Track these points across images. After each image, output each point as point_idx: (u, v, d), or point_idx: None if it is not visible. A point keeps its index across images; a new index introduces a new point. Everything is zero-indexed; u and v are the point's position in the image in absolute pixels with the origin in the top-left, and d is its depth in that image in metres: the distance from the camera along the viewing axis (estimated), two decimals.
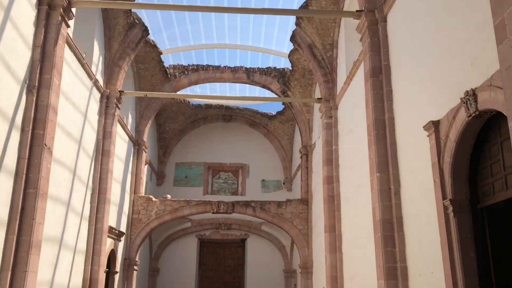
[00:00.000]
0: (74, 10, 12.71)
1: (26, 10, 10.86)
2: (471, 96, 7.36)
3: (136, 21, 17.58)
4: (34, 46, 11.35)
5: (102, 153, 16.76)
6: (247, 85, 25.09)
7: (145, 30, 18.07)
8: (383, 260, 10.59)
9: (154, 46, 20.43)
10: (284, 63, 23.47)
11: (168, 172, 28.19)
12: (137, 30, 17.72)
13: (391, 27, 11.77)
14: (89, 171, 15.97)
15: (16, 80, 10.65)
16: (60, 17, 11.82)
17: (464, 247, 7.93)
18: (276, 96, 23.21)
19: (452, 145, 8.13)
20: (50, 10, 11.68)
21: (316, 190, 20.16)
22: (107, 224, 16.79)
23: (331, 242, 16.14)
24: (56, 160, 12.58)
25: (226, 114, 28.50)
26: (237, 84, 25.85)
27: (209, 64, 23.57)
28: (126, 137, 20.33)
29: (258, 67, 23.40)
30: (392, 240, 10.61)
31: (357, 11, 12.68)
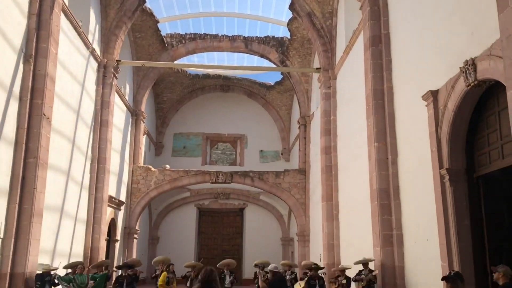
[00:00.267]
0: None
1: None
2: (470, 65, 7.36)
3: None
4: (30, 14, 11.20)
5: (101, 123, 16.75)
6: (245, 55, 24.85)
7: None
8: (379, 228, 10.81)
9: (151, 15, 20.13)
10: (282, 32, 23.16)
11: (167, 143, 28.26)
12: None
13: None
14: (88, 141, 16.01)
15: (13, 49, 10.56)
16: None
17: (459, 215, 8.10)
18: (274, 65, 23.04)
19: (450, 115, 8.18)
20: None
21: (314, 160, 20.31)
22: (107, 194, 16.96)
23: (328, 211, 16.39)
24: (55, 130, 12.60)
25: (224, 84, 28.35)
26: (235, 54, 25.61)
27: (207, 33, 23.27)
28: (124, 107, 20.29)
29: (257, 36, 23.13)
30: (389, 209, 10.80)
31: None
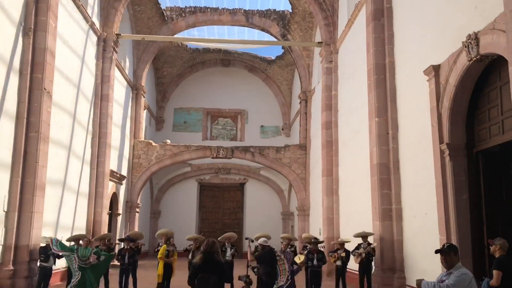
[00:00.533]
0: None
1: None
2: (473, 39, 7.30)
3: None
4: None
5: (101, 97, 16.72)
6: (246, 28, 24.55)
7: None
8: (379, 202, 10.92)
9: None
10: (284, 5, 22.81)
11: (167, 118, 28.24)
12: None
13: None
14: (89, 116, 16.01)
15: (12, 23, 10.45)
16: None
17: (458, 189, 8.18)
18: (275, 39, 22.81)
19: (451, 90, 8.16)
20: None
21: (314, 135, 20.33)
22: (108, 168, 17.06)
23: (328, 186, 16.51)
24: (56, 105, 12.58)
25: (225, 58, 28.13)
26: (236, 27, 25.30)
27: (207, 6, 22.95)
28: (124, 82, 20.19)
29: (258, 9, 22.81)
30: (388, 183, 10.89)
31: None
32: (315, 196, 19.48)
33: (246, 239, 9.81)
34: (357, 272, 10.95)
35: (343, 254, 11.20)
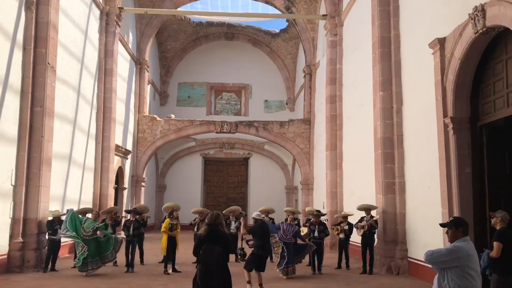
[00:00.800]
0: None
1: None
2: (479, 11, 7.20)
3: None
4: None
5: (105, 72, 16.69)
6: (249, 1, 24.15)
7: None
8: (382, 176, 10.99)
9: None
10: None
11: (171, 92, 28.21)
12: None
13: None
14: (93, 91, 16.02)
15: None
16: None
17: (461, 163, 8.21)
18: (279, 12, 22.49)
19: (456, 63, 8.10)
20: None
21: (319, 109, 20.29)
22: (114, 143, 17.17)
23: (332, 160, 16.58)
24: (60, 79, 12.59)
25: (228, 32, 27.85)
26: (239, 0, 24.98)
27: None
28: (128, 56, 20.10)
29: None
30: (392, 157, 10.93)
31: None
32: (319, 170, 19.58)
33: (240, 213, 10.22)
34: (360, 245, 11.11)
35: (346, 227, 11.35)
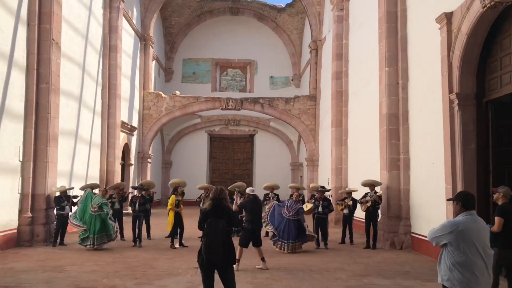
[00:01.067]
0: None
1: None
2: None
3: None
4: None
5: (109, 48, 16.64)
6: None
7: None
8: (387, 152, 11.01)
9: None
10: None
11: (176, 69, 28.10)
12: None
13: None
14: (98, 67, 16.00)
15: None
16: None
17: (466, 139, 8.20)
18: None
19: (463, 38, 8.00)
20: None
21: (324, 86, 20.18)
22: (119, 119, 17.24)
23: (337, 136, 16.58)
24: (65, 56, 12.57)
25: (233, 6, 27.50)
26: None
27: None
28: (132, 32, 19.98)
29: None
30: (397, 133, 10.92)
31: None
32: (324, 147, 19.62)
33: (235, 190, 10.77)
34: (364, 220, 11.21)
35: (350, 203, 11.44)
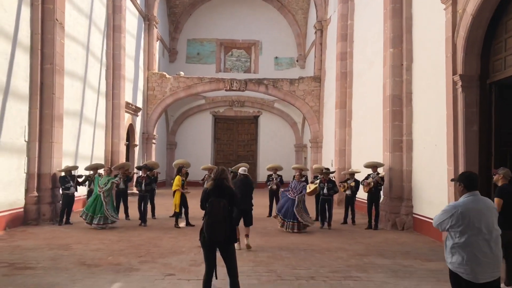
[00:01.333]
0: None
1: None
2: None
3: None
4: None
5: (113, 28, 16.60)
6: None
7: None
8: (390, 134, 11.03)
9: None
10: None
11: (180, 49, 27.98)
12: None
13: None
14: (102, 47, 15.98)
15: None
16: None
17: (469, 121, 8.19)
18: None
19: (468, 19, 7.93)
20: None
21: (329, 67, 20.07)
22: (124, 100, 17.29)
23: (341, 118, 16.58)
24: (69, 36, 12.58)
25: None
26: None
27: None
28: (136, 12, 19.86)
29: None
30: (400, 115, 10.92)
31: None
32: (328, 129, 19.62)
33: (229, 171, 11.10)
34: (366, 201, 11.30)
35: (353, 184, 11.52)
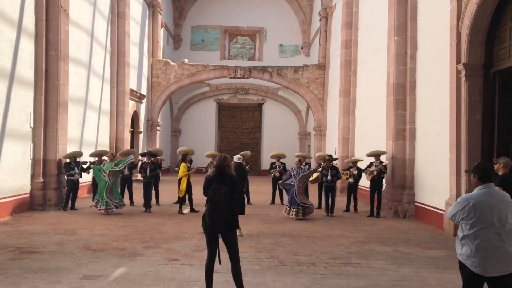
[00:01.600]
0: None
1: None
2: None
3: None
4: None
5: (118, 15, 16.58)
6: None
7: None
8: (393, 122, 11.04)
9: None
10: None
11: (185, 36, 27.90)
12: None
13: None
14: (106, 34, 15.99)
15: None
16: None
17: (472, 109, 8.19)
18: None
19: (473, 7, 7.88)
20: None
21: (334, 55, 19.99)
22: (128, 87, 17.33)
23: (345, 106, 16.57)
24: (73, 23, 12.59)
25: None
26: None
27: None
28: None
29: None
30: (404, 103, 10.92)
31: None
32: (332, 116, 19.62)
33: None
34: (369, 189, 11.34)
35: (355, 172, 11.57)
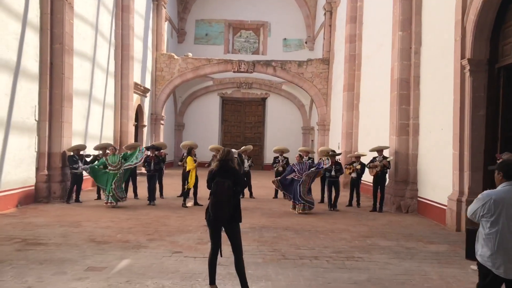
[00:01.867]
0: None
1: None
2: None
3: None
4: None
5: (122, 8, 16.59)
6: None
7: None
8: (397, 117, 11.03)
9: None
10: None
11: (189, 30, 27.88)
12: None
13: None
14: (111, 28, 16.00)
15: None
16: None
17: (476, 105, 8.19)
18: None
19: (478, 2, 7.86)
20: None
21: (338, 49, 19.94)
22: (132, 80, 17.37)
23: (349, 101, 16.55)
24: (77, 16, 12.61)
25: None
26: None
27: None
28: None
29: None
30: (407, 99, 10.90)
31: None
32: (336, 111, 19.61)
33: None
34: (371, 184, 11.37)
35: (358, 167, 11.58)
